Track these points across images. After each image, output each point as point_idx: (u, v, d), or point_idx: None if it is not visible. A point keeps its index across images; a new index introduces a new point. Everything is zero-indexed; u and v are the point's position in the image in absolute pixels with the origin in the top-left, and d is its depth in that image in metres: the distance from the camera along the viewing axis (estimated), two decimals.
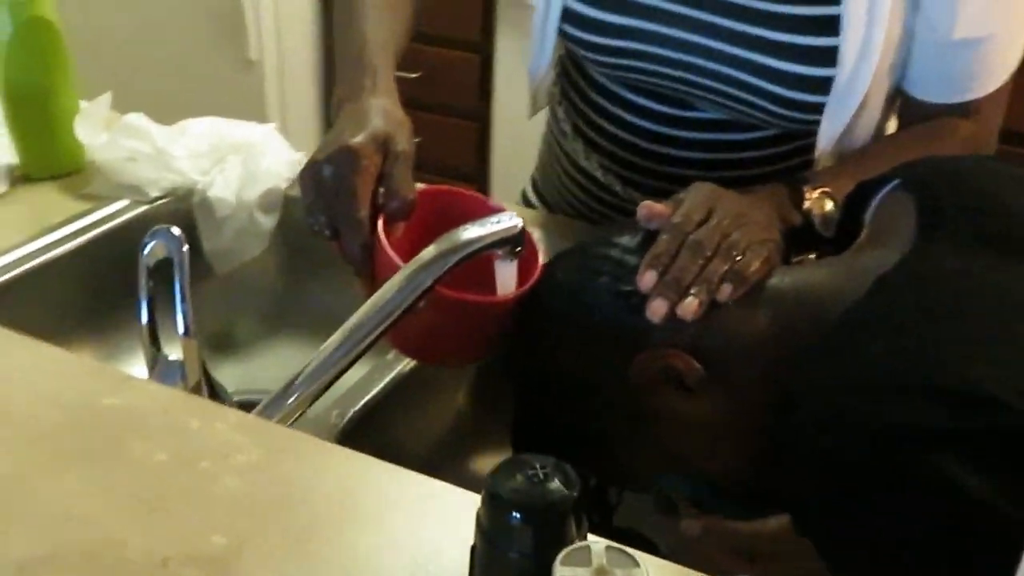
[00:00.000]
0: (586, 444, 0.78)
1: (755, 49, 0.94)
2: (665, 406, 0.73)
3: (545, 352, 0.78)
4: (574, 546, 0.45)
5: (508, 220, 0.77)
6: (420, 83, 2.66)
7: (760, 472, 0.73)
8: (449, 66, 2.58)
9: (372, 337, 0.74)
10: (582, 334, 0.75)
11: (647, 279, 0.72)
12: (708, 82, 0.97)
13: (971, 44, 0.94)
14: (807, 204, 0.86)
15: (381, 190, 0.83)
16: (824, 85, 0.93)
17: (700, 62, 0.97)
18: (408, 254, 0.78)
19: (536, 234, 0.85)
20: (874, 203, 0.82)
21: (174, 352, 0.71)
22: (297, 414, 0.72)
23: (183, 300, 0.70)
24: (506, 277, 0.80)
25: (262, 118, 1.41)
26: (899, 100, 1.01)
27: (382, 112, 0.86)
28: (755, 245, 0.74)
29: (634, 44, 0.99)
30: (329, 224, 0.82)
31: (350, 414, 0.88)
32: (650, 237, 0.76)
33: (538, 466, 0.48)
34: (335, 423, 0.86)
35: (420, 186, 0.86)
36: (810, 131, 1.00)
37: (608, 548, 0.45)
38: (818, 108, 0.94)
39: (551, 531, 0.47)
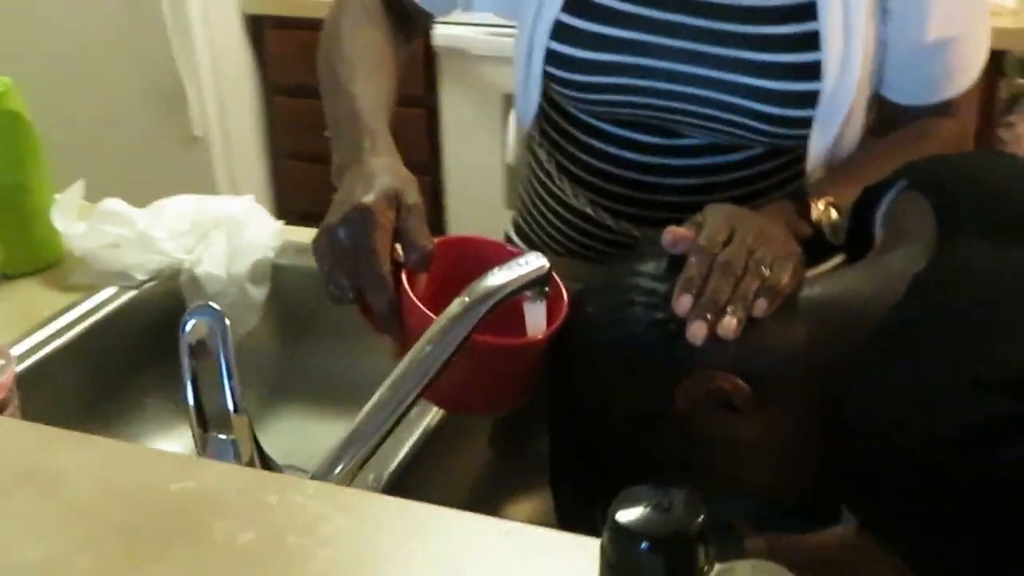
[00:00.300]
0: (635, 478, 0.77)
1: (740, 71, 0.96)
2: (715, 430, 0.73)
3: (586, 389, 0.78)
4: (721, 567, 0.44)
5: (535, 261, 0.77)
6: None
7: (817, 484, 0.73)
8: (397, 123, 2.58)
9: (415, 394, 0.73)
10: (624, 367, 0.75)
11: (683, 303, 0.72)
12: (696, 108, 0.99)
13: (943, 44, 0.97)
14: (815, 215, 0.88)
15: (397, 246, 0.83)
16: (811, 99, 0.95)
17: (687, 90, 0.98)
18: (434, 306, 0.78)
19: None
20: (883, 207, 0.83)
21: (222, 431, 0.70)
22: (349, 480, 0.71)
23: (230, 377, 0.69)
24: (536, 318, 0.80)
25: (212, 193, 1.41)
26: (880, 107, 1.03)
27: (388, 170, 0.86)
28: (780, 259, 0.75)
29: (619, 79, 1.00)
30: (352, 286, 0.81)
31: (385, 476, 0.87)
32: (676, 262, 0.76)
33: (659, 495, 0.48)
34: (372, 487, 0.85)
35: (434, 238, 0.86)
36: (797, 146, 1.02)
37: (754, 566, 0.45)
38: (807, 122, 0.96)
39: (682, 559, 0.46)
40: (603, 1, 0.99)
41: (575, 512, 0.80)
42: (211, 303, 0.69)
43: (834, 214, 0.88)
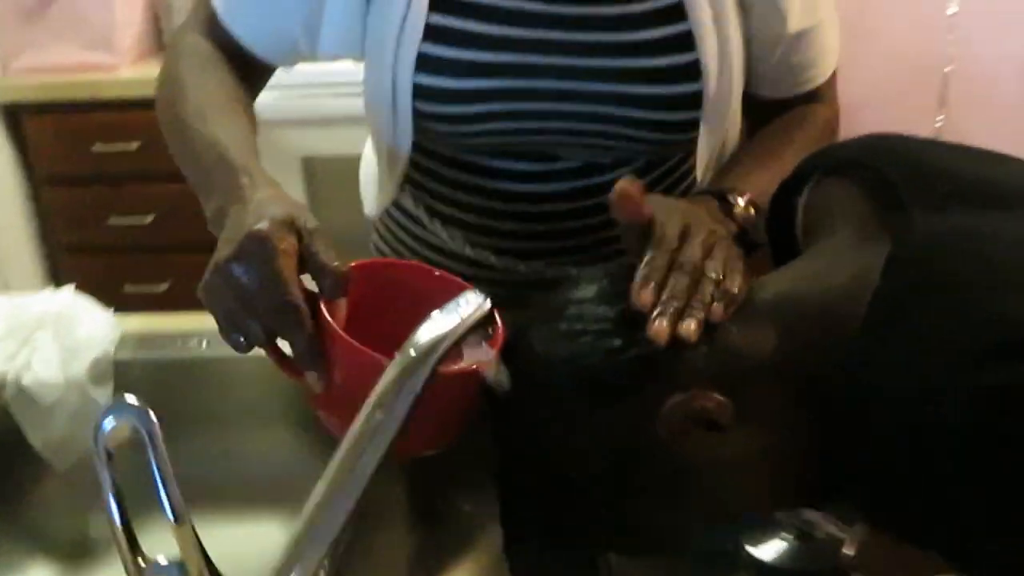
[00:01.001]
0: (620, 521, 0.71)
1: (618, 80, 0.92)
2: (701, 453, 0.67)
3: (547, 431, 0.70)
4: None
5: (475, 299, 0.69)
6: (167, 224, 2.50)
7: (810, 493, 0.69)
8: (192, 200, 2.42)
9: (372, 468, 0.64)
10: (589, 402, 0.69)
11: (645, 296, 0.67)
12: (577, 125, 0.95)
13: (804, 34, 0.98)
14: (737, 213, 0.84)
15: (304, 277, 0.74)
16: (694, 101, 0.93)
17: (566, 107, 0.94)
18: (360, 339, 0.70)
19: None
20: (802, 198, 0.81)
21: (160, 553, 0.58)
22: None
23: (166, 483, 0.57)
24: (479, 358, 0.72)
25: None
26: (749, 106, 1.03)
27: (276, 199, 0.77)
28: (732, 260, 0.71)
29: (493, 106, 0.94)
30: (261, 328, 0.71)
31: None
32: (615, 280, 0.71)
33: (789, 523, 0.41)
34: None
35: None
36: (677, 156, 0.99)
37: None
38: (693, 125, 0.94)
39: None
40: (466, 26, 0.93)
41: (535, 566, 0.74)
42: (128, 398, 0.57)
43: (752, 211, 0.85)
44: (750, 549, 0.42)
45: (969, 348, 0.58)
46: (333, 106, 2.34)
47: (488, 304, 0.69)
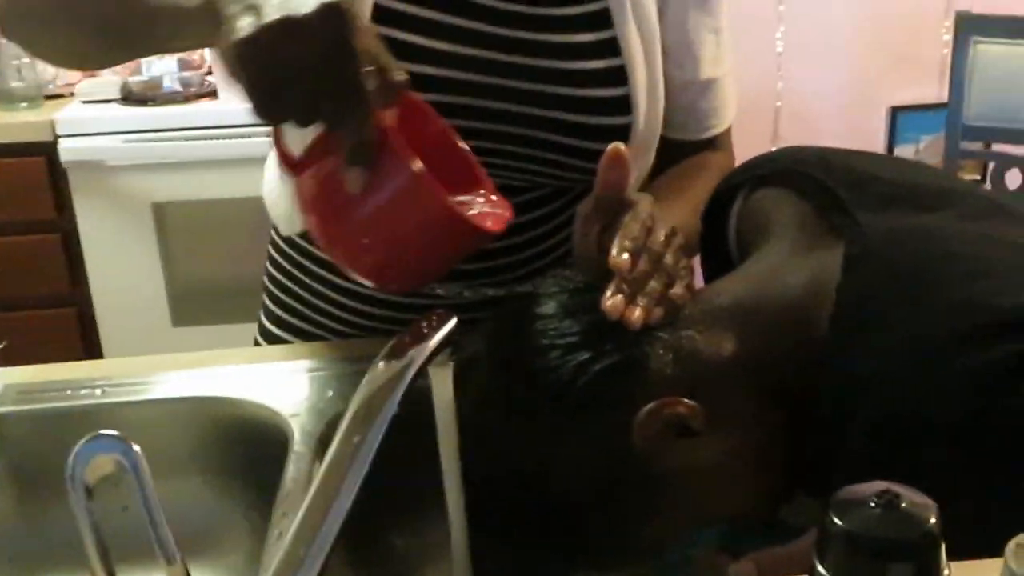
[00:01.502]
0: (598, 534, 0.70)
1: (555, 107, 0.93)
2: (677, 460, 0.68)
3: (522, 450, 0.69)
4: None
5: (440, 318, 0.68)
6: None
7: (784, 492, 0.70)
8: (26, 254, 2.29)
9: (350, 498, 0.61)
10: (564, 416, 0.68)
11: (623, 263, 0.68)
12: (510, 147, 0.95)
13: (712, 83, 1.04)
14: None
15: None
16: (624, 133, 0.95)
17: (500, 128, 0.94)
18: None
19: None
20: (735, 210, 0.83)
21: None
22: None
23: (155, 522, 0.52)
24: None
25: None
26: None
27: None
28: (681, 269, 0.72)
29: None
30: (314, 107, 0.66)
31: None
32: (575, 294, 0.71)
33: (874, 494, 0.41)
34: None
35: None
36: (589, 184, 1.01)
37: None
38: (624, 133, 0.96)
39: (931, 564, 0.40)
40: (409, 39, 0.92)
41: None
42: (108, 431, 0.52)
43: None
44: (836, 519, 0.42)
45: (944, 335, 0.60)
46: (185, 150, 2.26)
47: (455, 322, 0.68)
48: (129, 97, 2.34)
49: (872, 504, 0.42)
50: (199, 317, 2.34)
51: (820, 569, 0.43)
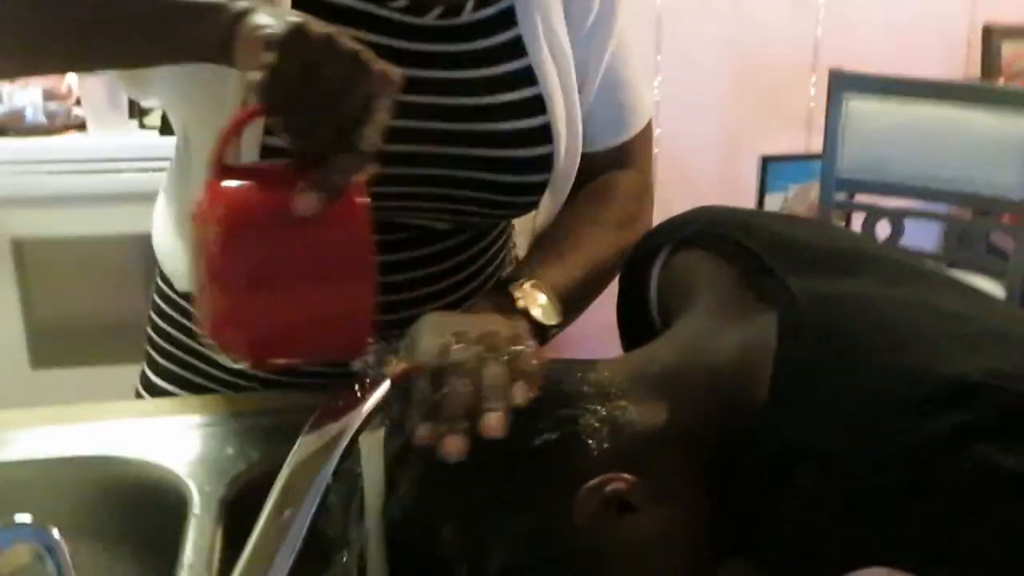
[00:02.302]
0: None
1: (472, 144, 0.92)
2: (615, 537, 0.66)
3: (456, 536, 0.66)
4: None
5: (372, 382, 0.65)
6: None
7: (724, 557, 0.69)
8: None
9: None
10: (500, 498, 0.65)
11: (423, 432, 0.64)
12: (427, 190, 0.92)
13: (618, 85, 1.01)
14: (520, 303, 0.86)
15: None
16: (545, 163, 0.93)
17: (415, 171, 0.91)
18: None
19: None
20: (654, 272, 0.82)
21: None
22: None
23: None
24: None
25: None
26: None
27: None
28: (516, 338, 0.70)
29: None
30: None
31: None
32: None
33: None
34: None
35: None
36: (511, 218, 0.99)
37: None
38: (541, 187, 0.94)
39: None
40: None
41: None
42: (23, 516, 0.47)
43: (542, 297, 0.87)
44: None
45: (884, 404, 0.60)
46: (47, 184, 2.15)
47: (388, 385, 0.65)
48: None
49: None
50: (61, 359, 2.22)
51: None
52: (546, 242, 0.97)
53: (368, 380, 0.64)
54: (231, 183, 0.66)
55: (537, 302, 0.87)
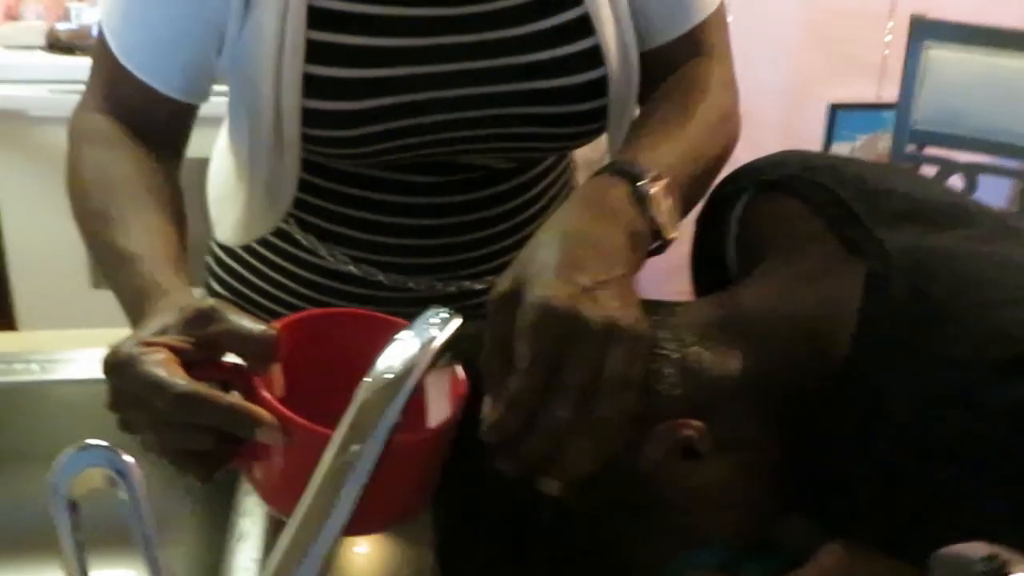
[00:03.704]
0: (593, 557, 0.66)
1: (521, 78, 0.87)
2: (682, 482, 0.65)
3: (515, 483, 0.65)
4: None
5: (444, 315, 0.62)
6: None
7: (785, 510, 0.68)
8: None
9: (347, 511, 0.56)
10: None
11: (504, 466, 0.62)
12: (484, 131, 0.89)
13: None
14: (653, 206, 0.71)
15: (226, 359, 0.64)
16: (600, 87, 0.88)
17: (470, 114, 0.88)
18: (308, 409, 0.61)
19: None
20: (735, 214, 0.79)
21: None
22: None
23: (148, 542, 0.46)
24: (444, 389, 0.65)
25: None
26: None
27: (154, 315, 0.66)
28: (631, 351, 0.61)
29: (390, 124, 0.86)
30: (192, 437, 0.60)
31: None
32: None
33: (982, 561, 0.38)
34: None
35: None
36: (577, 148, 0.96)
37: None
38: (600, 113, 0.90)
39: None
40: (351, 41, 0.84)
41: None
42: (96, 441, 0.46)
43: (666, 199, 0.72)
44: None
45: (977, 364, 0.58)
46: None
47: (460, 321, 0.63)
48: (55, 45, 2.21)
49: (979, 570, 0.38)
50: None
51: None
52: (651, 130, 0.83)
53: (440, 315, 0.62)
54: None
55: (662, 208, 0.71)
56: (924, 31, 2.13)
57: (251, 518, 0.80)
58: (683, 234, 0.75)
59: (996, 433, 0.56)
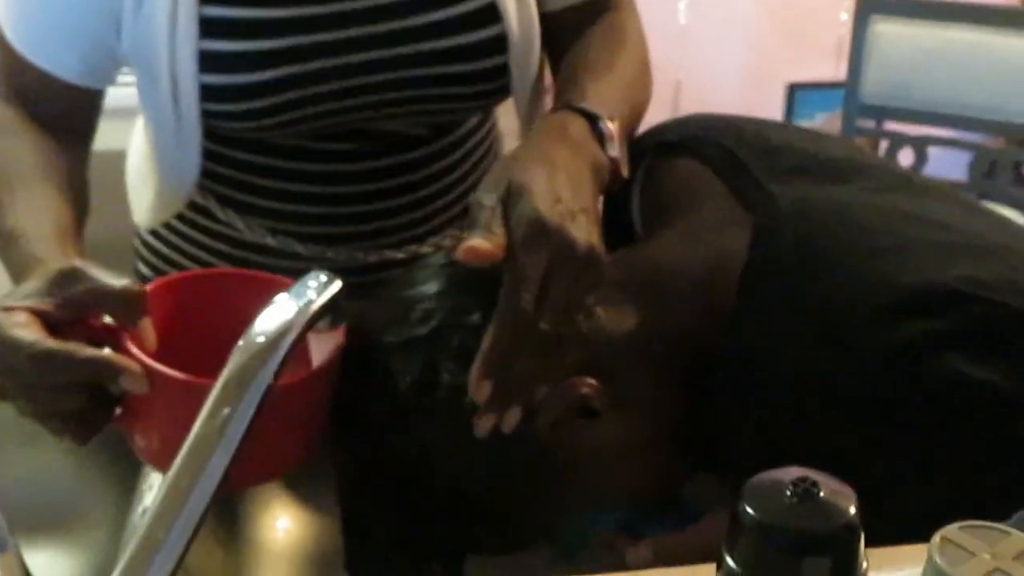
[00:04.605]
0: (492, 519, 0.66)
1: (416, 39, 0.87)
2: (576, 443, 0.65)
3: (413, 441, 0.65)
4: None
5: (324, 278, 0.62)
6: None
7: (685, 475, 0.68)
8: None
9: (220, 472, 0.55)
10: (460, 404, 0.63)
11: (482, 390, 0.61)
12: (387, 95, 0.89)
13: None
14: (610, 146, 0.73)
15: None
16: (499, 44, 0.88)
17: (371, 79, 0.87)
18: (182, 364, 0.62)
19: None
20: (638, 179, 0.79)
21: None
22: None
23: None
24: (326, 349, 0.65)
25: None
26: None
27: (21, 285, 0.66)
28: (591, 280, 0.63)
29: (292, 94, 0.85)
30: (58, 399, 0.61)
31: None
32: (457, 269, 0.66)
33: (791, 482, 0.38)
34: None
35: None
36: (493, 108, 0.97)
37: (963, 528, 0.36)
38: (502, 70, 0.89)
39: (848, 558, 0.37)
40: (245, 14, 0.83)
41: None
42: None
43: (619, 142, 0.73)
44: (749, 509, 0.38)
45: (853, 312, 0.58)
46: None
47: (340, 284, 0.63)
48: None
49: (788, 493, 0.38)
50: None
51: (729, 562, 0.39)
52: (590, 73, 0.84)
53: (320, 278, 0.62)
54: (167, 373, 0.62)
55: (617, 145, 0.72)
56: (871, 5, 2.13)
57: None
58: None
59: (874, 376, 0.56)
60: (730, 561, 0.39)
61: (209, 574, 0.78)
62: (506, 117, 1.02)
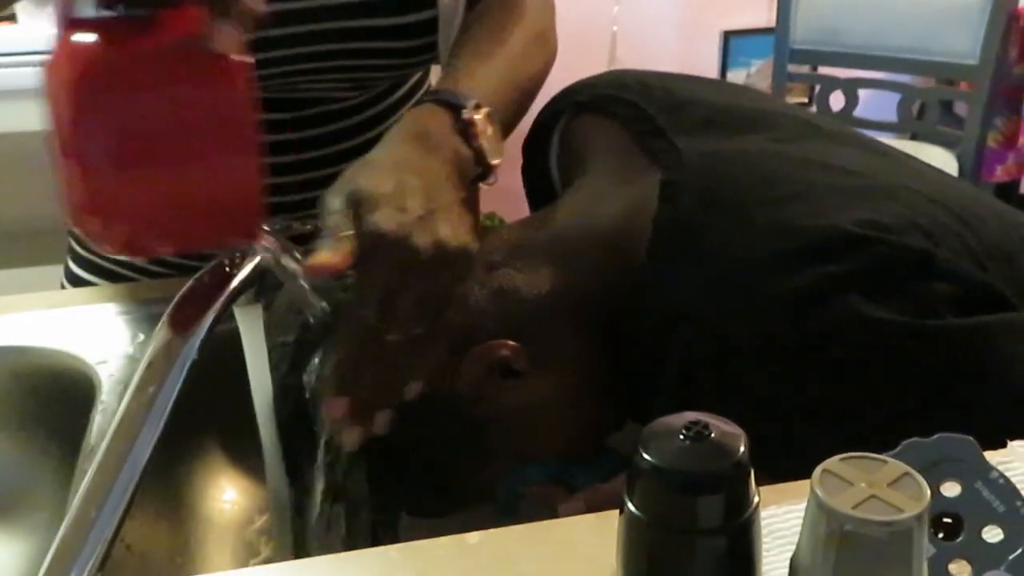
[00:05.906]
0: (421, 479, 0.68)
1: (355, 16, 0.87)
2: (503, 401, 0.66)
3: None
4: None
5: (245, 259, 0.63)
6: None
7: (612, 425, 0.70)
8: None
9: (147, 450, 0.56)
10: None
11: (336, 408, 0.63)
12: (320, 64, 0.89)
13: None
14: (475, 139, 0.71)
15: None
16: (431, 26, 0.89)
17: (304, 50, 0.88)
18: None
19: None
20: (556, 136, 0.81)
21: None
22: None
23: None
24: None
25: None
26: None
27: None
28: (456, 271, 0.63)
29: None
30: None
31: None
32: None
33: (683, 426, 0.40)
34: None
35: None
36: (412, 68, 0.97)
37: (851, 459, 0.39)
38: (429, 26, 0.89)
39: (739, 494, 0.39)
40: None
41: None
42: None
43: (490, 129, 0.71)
44: (644, 454, 0.40)
45: (758, 259, 0.59)
46: None
47: (260, 258, 0.63)
48: None
49: (681, 436, 0.40)
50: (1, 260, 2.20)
51: (630, 506, 0.41)
52: (468, 56, 0.83)
53: (239, 255, 0.63)
54: (84, 37, 0.53)
55: (485, 135, 0.71)
56: None
57: None
58: None
59: (778, 322, 0.58)
60: (630, 505, 0.41)
61: (153, 548, 0.79)
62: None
